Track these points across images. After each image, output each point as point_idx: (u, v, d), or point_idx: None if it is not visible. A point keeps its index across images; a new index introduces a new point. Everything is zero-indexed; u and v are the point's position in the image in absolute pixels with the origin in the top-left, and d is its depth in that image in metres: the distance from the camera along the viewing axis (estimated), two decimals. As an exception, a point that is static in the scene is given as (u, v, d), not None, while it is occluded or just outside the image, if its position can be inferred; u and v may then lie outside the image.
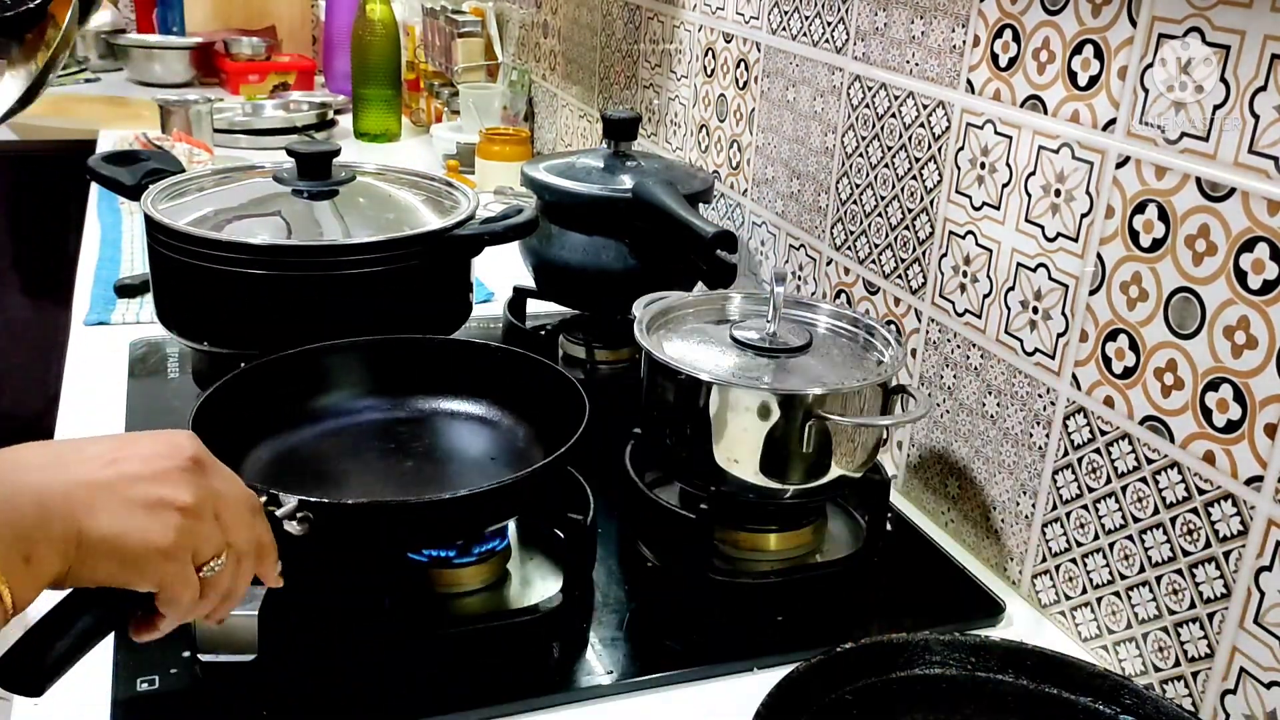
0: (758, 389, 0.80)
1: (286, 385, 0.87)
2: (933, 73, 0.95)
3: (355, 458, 0.85)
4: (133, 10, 3.01)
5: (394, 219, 1.03)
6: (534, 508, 0.81)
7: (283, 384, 0.87)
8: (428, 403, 0.91)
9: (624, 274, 1.14)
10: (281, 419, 0.86)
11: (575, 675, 0.74)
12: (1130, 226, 0.75)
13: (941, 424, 0.96)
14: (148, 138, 1.82)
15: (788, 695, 0.63)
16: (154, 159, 1.09)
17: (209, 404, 0.78)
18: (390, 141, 2.18)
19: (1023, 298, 0.86)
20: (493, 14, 2.23)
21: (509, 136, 1.81)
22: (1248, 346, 0.67)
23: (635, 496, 0.88)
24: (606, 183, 1.14)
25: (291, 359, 0.88)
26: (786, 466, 0.82)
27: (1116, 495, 0.77)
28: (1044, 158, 0.82)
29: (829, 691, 0.66)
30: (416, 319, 0.99)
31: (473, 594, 0.79)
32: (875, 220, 1.04)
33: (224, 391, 0.81)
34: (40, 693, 0.52)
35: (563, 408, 0.82)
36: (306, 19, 2.95)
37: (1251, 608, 0.68)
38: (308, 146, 1.04)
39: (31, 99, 1.28)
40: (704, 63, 1.39)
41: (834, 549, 0.89)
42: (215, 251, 0.93)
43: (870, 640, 0.69)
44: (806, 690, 0.65)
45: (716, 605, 0.81)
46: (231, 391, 0.82)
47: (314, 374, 0.89)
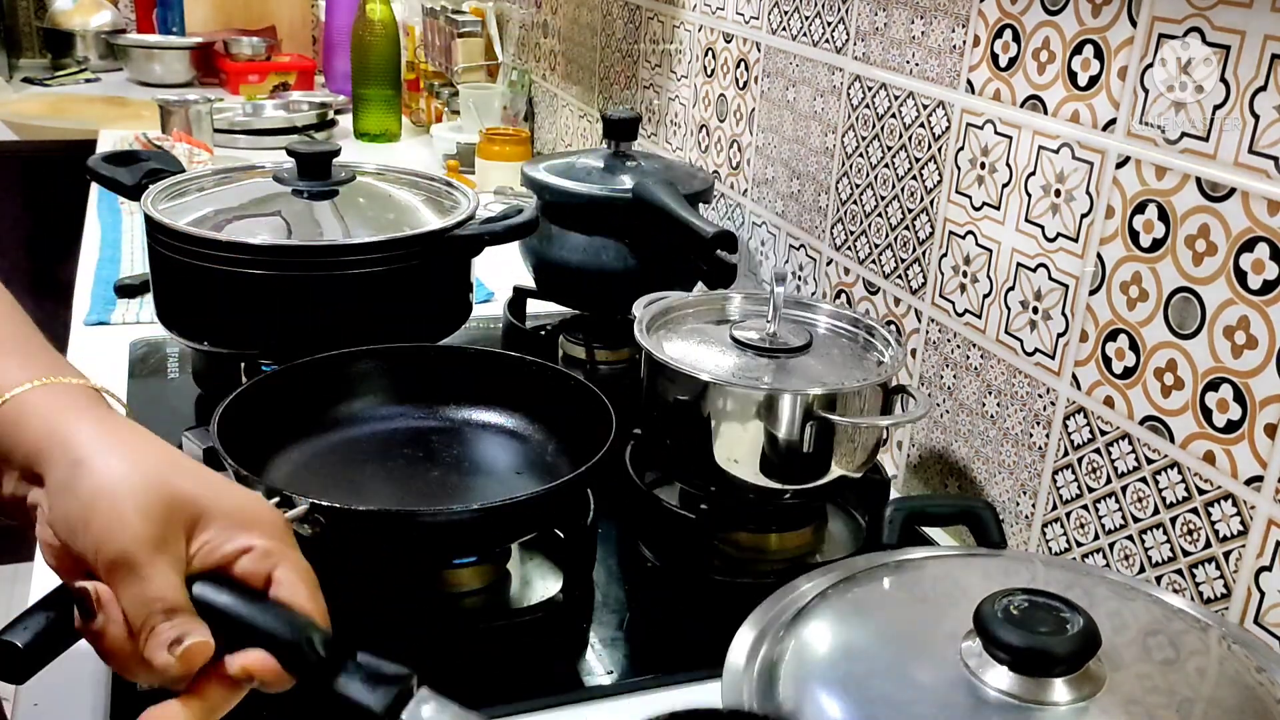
0: (758, 389, 0.80)
1: (323, 389, 0.87)
2: (933, 73, 0.95)
3: (384, 463, 0.85)
4: (133, 10, 3.01)
5: (394, 219, 1.03)
6: (551, 525, 0.81)
7: (319, 388, 0.87)
8: (460, 412, 0.90)
9: (624, 274, 1.14)
10: (315, 422, 0.86)
11: (575, 675, 0.74)
12: (1130, 226, 0.75)
13: (941, 424, 0.96)
14: (148, 138, 1.82)
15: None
16: (154, 159, 1.09)
17: (236, 404, 0.78)
18: (390, 141, 2.18)
19: (1023, 298, 0.86)
20: (493, 14, 2.23)
21: (509, 136, 1.81)
22: (1248, 346, 0.67)
23: (635, 496, 0.88)
24: (606, 183, 1.14)
25: (328, 362, 0.87)
26: (786, 466, 0.82)
27: (1116, 495, 0.77)
28: (1044, 158, 0.82)
29: None
30: (417, 319, 0.99)
31: (473, 594, 0.79)
32: (875, 220, 1.04)
33: (253, 393, 0.81)
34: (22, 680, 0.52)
35: (591, 426, 0.81)
36: (306, 19, 2.95)
37: (1251, 608, 0.68)
38: (308, 146, 1.04)
39: None
40: (704, 63, 1.39)
41: (834, 549, 0.89)
42: (215, 251, 0.93)
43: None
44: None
45: (716, 605, 0.81)
46: (262, 393, 0.82)
47: (351, 379, 0.89)
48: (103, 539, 0.45)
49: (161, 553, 0.45)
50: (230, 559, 0.48)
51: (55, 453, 0.48)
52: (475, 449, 0.88)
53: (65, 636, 0.54)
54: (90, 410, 0.51)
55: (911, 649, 0.57)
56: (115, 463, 0.47)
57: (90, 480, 0.47)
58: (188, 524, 0.47)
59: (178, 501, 0.47)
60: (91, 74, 2.74)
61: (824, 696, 0.54)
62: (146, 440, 0.50)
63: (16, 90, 2.59)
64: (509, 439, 0.89)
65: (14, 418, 0.50)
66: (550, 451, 0.87)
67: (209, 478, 0.50)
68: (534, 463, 0.86)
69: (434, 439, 0.88)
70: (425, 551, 0.77)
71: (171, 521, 0.46)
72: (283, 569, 0.48)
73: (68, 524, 0.47)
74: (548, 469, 0.85)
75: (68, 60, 2.80)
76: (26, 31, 3.00)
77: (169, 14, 2.80)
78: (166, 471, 0.48)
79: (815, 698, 0.54)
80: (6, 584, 2.24)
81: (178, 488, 0.47)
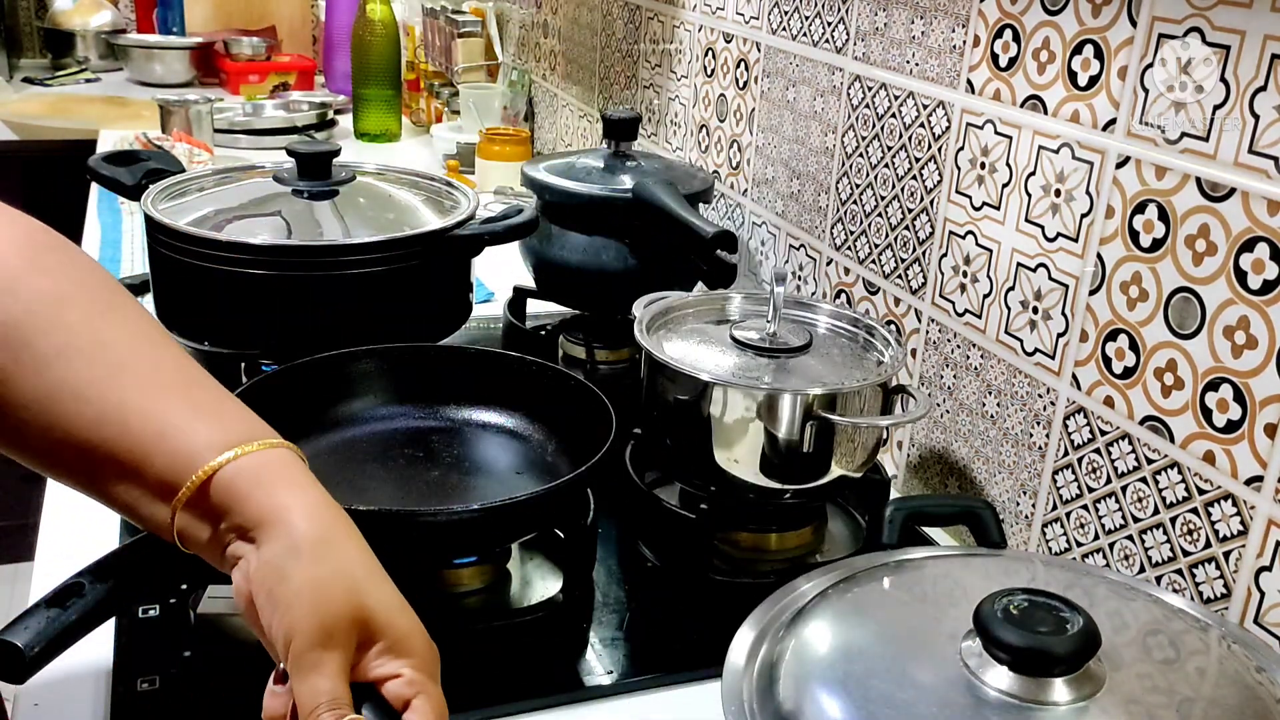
0: (758, 389, 0.80)
1: (323, 389, 0.87)
2: (933, 73, 0.95)
3: (384, 463, 0.85)
4: (133, 10, 3.01)
5: (394, 219, 1.03)
6: (551, 525, 0.81)
7: (319, 388, 0.87)
8: (460, 412, 0.90)
9: (624, 274, 1.14)
10: (315, 422, 0.86)
11: (575, 675, 0.74)
12: (1130, 226, 0.75)
13: (941, 424, 0.96)
14: (148, 138, 1.82)
15: None
16: (154, 159, 1.09)
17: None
18: (390, 141, 2.18)
19: (1023, 298, 0.86)
20: (493, 14, 2.23)
21: (509, 136, 1.81)
22: (1248, 346, 0.67)
23: (635, 496, 0.88)
24: (606, 183, 1.14)
25: (329, 362, 0.87)
26: (786, 466, 0.82)
27: (1116, 495, 0.77)
28: (1044, 158, 0.82)
29: None
30: (417, 319, 0.99)
31: (473, 594, 0.79)
32: (875, 220, 1.04)
33: (253, 393, 0.80)
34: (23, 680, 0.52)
35: (591, 426, 0.81)
36: (306, 19, 2.95)
37: (1251, 608, 0.68)
38: (308, 146, 1.04)
39: None
40: (704, 63, 1.39)
41: (834, 549, 0.89)
42: (215, 251, 0.93)
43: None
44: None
45: (716, 605, 0.81)
46: (262, 393, 0.81)
47: (351, 379, 0.89)
48: (294, 629, 0.51)
49: (338, 655, 0.51)
50: (383, 679, 0.53)
51: (276, 531, 0.53)
52: (475, 449, 0.88)
53: (66, 636, 0.54)
54: (303, 489, 0.55)
55: (911, 649, 0.57)
56: (324, 570, 0.53)
57: (300, 575, 0.52)
58: (362, 635, 0.53)
59: (362, 617, 0.52)
60: (92, 74, 2.75)
61: (824, 696, 0.54)
62: (350, 537, 0.55)
63: (17, 90, 2.59)
64: (509, 439, 0.89)
65: (227, 484, 0.54)
66: (550, 451, 0.87)
67: (390, 597, 0.54)
68: (534, 463, 0.86)
69: (434, 439, 0.88)
70: (425, 551, 0.77)
71: (352, 632, 0.52)
72: (421, 699, 0.53)
73: (269, 597, 0.52)
74: (548, 469, 0.85)
75: (68, 60, 2.80)
76: (27, 31, 3.00)
77: (169, 14, 2.81)
78: (362, 585, 0.53)
79: (815, 698, 0.54)
80: (6, 584, 2.24)
81: (366, 605, 0.53)
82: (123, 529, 0.85)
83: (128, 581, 0.57)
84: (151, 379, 0.57)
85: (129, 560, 0.57)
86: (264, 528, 0.53)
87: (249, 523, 0.54)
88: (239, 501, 0.54)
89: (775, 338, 0.85)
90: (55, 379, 0.55)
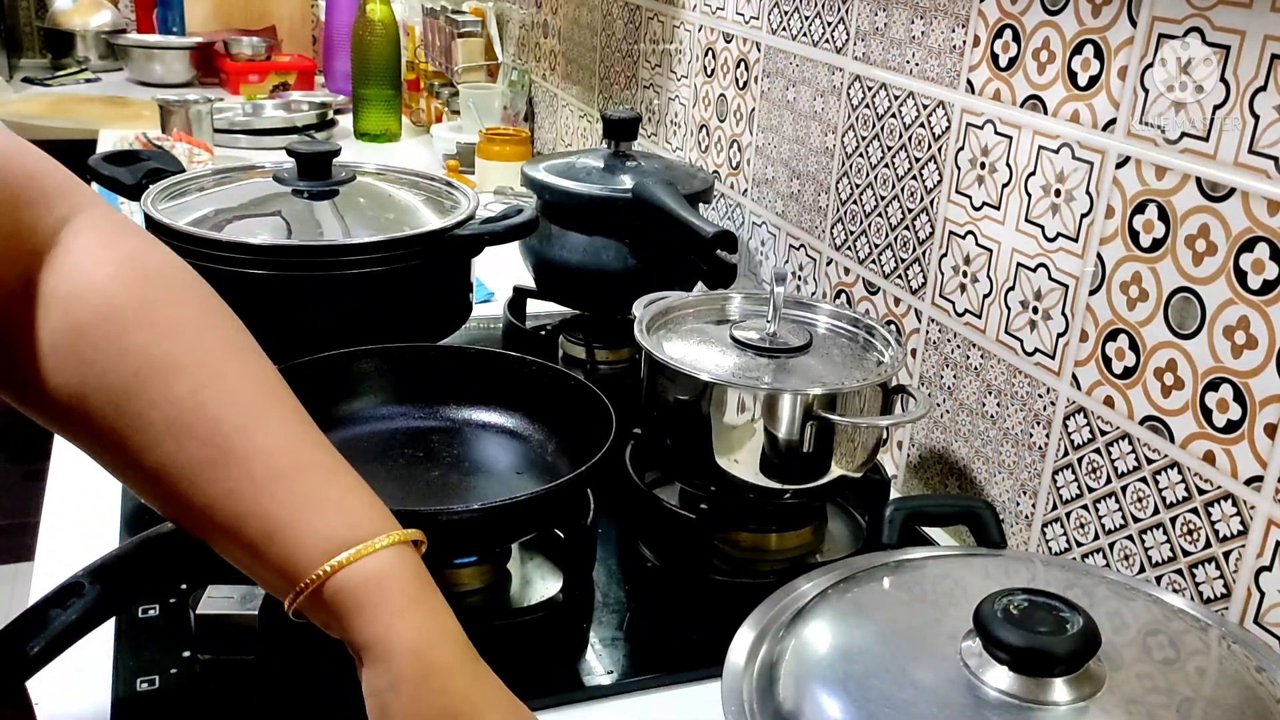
0: (758, 389, 0.80)
1: (323, 389, 0.86)
2: (933, 73, 0.95)
3: (384, 463, 0.84)
4: (133, 10, 3.01)
5: (394, 219, 1.03)
6: (551, 525, 0.81)
7: (319, 388, 0.86)
8: (460, 412, 0.90)
9: (624, 274, 1.14)
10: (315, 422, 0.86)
11: (575, 675, 0.74)
12: (1130, 226, 0.75)
13: (941, 424, 0.96)
14: (148, 138, 1.82)
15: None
16: (154, 159, 1.09)
17: None
18: (390, 141, 2.18)
19: (1023, 298, 0.86)
20: (493, 14, 2.23)
21: (509, 136, 1.81)
22: (1248, 346, 0.67)
23: (635, 496, 0.88)
24: (606, 183, 1.14)
25: (329, 362, 0.87)
26: (786, 466, 0.82)
27: (1116, 495, 0.77)
28: (1044, 158, 0.82)
29: None
30: (417, 319, 0.99)
31: (473, 594, 0.79)
32: (875, 220, 1.04)
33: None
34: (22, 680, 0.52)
35: (591, 426, 0.81)
36: (306, 19, 2.95)
37: (1251, 608, 0.68)
38: (308, 146, 1.04)
39: None
40: (704, 63, 1.39)
41: (834, 549, 0.90)
42: (215, 251, 0.93)
43: None
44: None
45: (716, 605, 0.81)
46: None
47: (351, 379, 0.89)
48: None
49: None
50: None
51: (378, 661, 0.52)
52: (475, 449, 0.88)
53: (66, 636, 0.54)
54: (408, 612, 0.54)
55: (911, 649, 0.57)
56: (422, 707, 0.52)
57: (400, 712, 0.52)
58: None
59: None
60: (91, 74, 2.75)
61: (824, 696, 0.54)
62: (453, 671, 0.54)
63: (17, 90, 2.59)
64: (509, 439, 0.89)
65: (333, 595, 0.53)
66: (550, 451, 0.87)
67: (503, 699, 0.56)
68: (534, 463, 0.86)
69: (434, 439, 0.88)
70: (425, 551, 0.77)
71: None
72: None
73: (377, 718, 0.52)
74: (548, 469, 0.85)
75: (68, 60, 2.80)
76: (27, 31, 3.00)
77: (169, 14, 2.81)
78: (478, 706, 0.54)
79: (815, 697, 0.54)
80: (6, 584, 2.24)
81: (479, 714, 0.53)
82: (123, 529, 0.85)
83: (128, 581, 0.57)
84: (262, 467, 0.55)
85: (129, 560, 0.57)
86: (368, 652, 0.53)
87: (354, 644, 0.53)
88: (346, 619, 0.53)
89: (775, 338, 0.85)
90: (166, 457, 0.54)
